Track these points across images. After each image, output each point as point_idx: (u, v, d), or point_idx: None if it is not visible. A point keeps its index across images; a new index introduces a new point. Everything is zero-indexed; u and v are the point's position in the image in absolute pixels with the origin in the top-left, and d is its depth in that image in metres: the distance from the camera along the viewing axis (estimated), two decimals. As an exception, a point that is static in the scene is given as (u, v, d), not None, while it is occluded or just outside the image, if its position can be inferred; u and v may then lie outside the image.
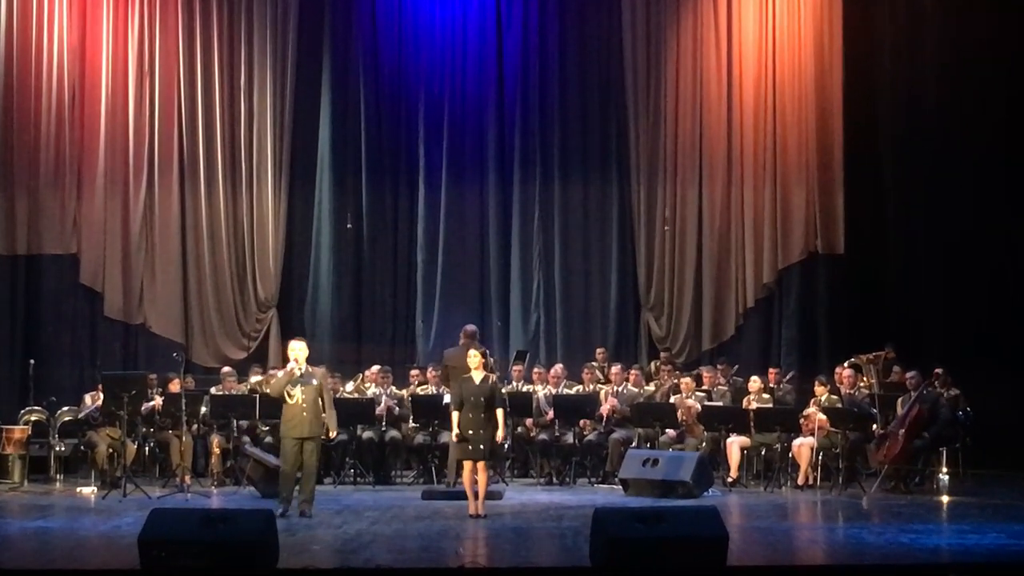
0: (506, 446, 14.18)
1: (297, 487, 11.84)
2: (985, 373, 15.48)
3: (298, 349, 11.89)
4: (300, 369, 11.79)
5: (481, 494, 11.80)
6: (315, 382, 11.87)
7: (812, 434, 14.11)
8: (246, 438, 14.37)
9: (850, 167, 17.14)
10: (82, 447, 14.65)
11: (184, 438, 13.96)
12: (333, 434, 12.31)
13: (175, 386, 14.50)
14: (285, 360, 12.20)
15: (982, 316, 16.37)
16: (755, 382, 14.92)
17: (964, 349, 15.82)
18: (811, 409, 14.39)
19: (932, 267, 16.89)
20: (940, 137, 16.97)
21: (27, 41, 16.93)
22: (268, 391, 12.94)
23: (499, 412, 11.92)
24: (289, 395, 11.75)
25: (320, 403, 11.86)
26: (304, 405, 11.72)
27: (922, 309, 16.71)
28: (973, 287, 16.53)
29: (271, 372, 15.00)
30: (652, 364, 16.79)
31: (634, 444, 14.54)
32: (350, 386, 15.38)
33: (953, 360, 15.18)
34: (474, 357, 12.01)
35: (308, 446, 11.78)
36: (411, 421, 14.87)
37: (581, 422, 14.76)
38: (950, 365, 14.99)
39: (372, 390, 15.16)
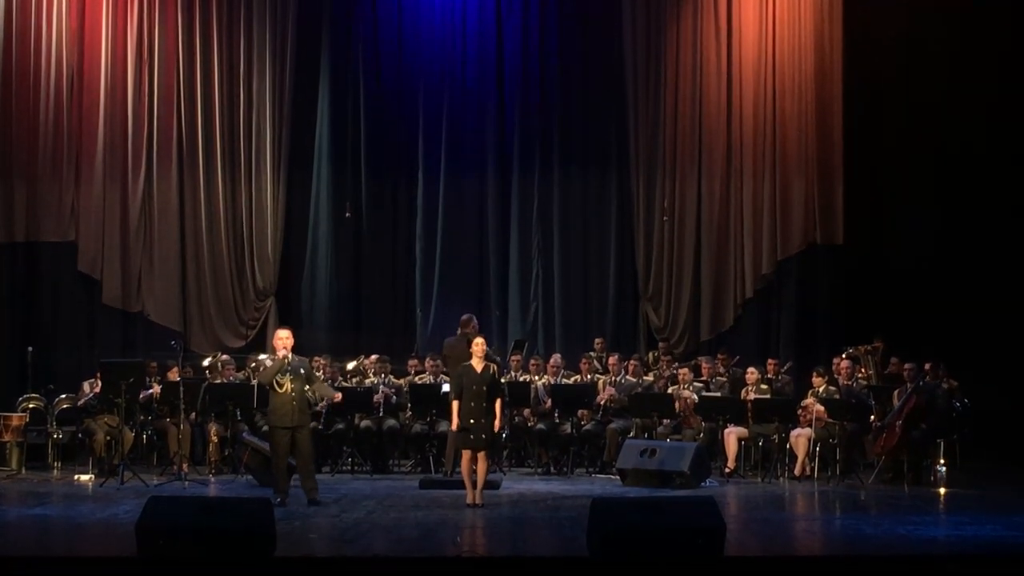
0: (504, 435, 14.20)
1: (297, 476, 11.84)
2: (984, 365, 15.50)
3: (285, 338, 11.91)
4: (289, 358, 11.79)
5: (480, 483, 11.80)
6: (302, 371, 11.90)
7: (810, 425, 14.11)
8: (244, 426, 14.36)
9: (850, 157, 17.13)
10: (80, 435, 14.65)
11: (182, 426, 13.96)
12: (338, 396, 12.72)
13: (174, 374, 14.50)
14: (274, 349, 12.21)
15: (981, 308, 16.35)
16: (753, 373, 14.91)
17: (963, 341, 15.81)
18: (809, 400, 14.39)
19: (931, 258, 16.87)
20: (941, 127, 16.93)
21: (26, 28, 16.91)
22: (259, 379, 12.95)
23: (497, 402, 11.92)
24: (279, 384, 11.74)
25: (306, 391, 11.88)
26: (293, 394, 11.72)
27: (921, 300, 16.69)
28: (972, 278, 16.51)
29: (256, 358, 15.07)
30: (651, 354, 16.81)
31: (632, 434, 14.54)
32: (351, 365, 15.38)
33: (952, 352, 15.17)
34: (478, 346, 12.00)
35: (300, 434, 11.78)
36: (408, 410, 14.87)
37: (579, 412, 14.76)
38: (949, 356, 14.98)
39: (370, 378, 15.16)
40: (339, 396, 12.88)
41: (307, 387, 12.00)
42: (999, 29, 16.72)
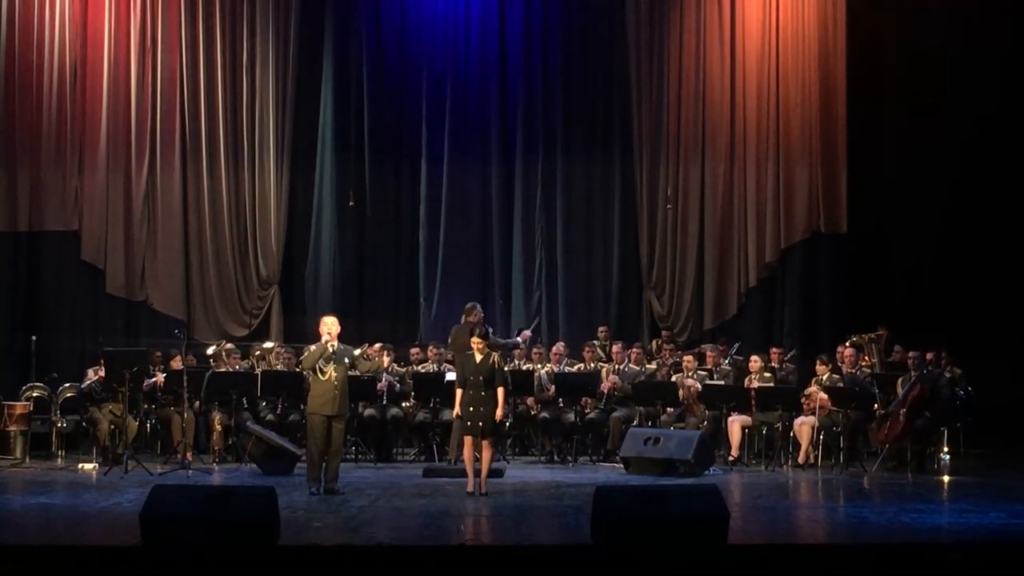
0: (507, 424, 14.21)
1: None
2: (987, 353, 15.49)
3: (331, 324, 11.86)
4: (333, 345, 11.76)
5: (484, 471, 11.80)
6: (347, 360, 11.84)
7: (813, 413, 14.12)
8: (247, 415, 14.37)
9: (854, 145, 17.10)
10: (84, 423, 14.67)
11: (185, 415, 13.97)
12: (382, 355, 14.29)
13: (177, 363, 14.51)
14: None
15: (984, 296, 16.33)
16: (756, 361, 14.91)
17: (966, 328, 15.80)
18: (813, 388, 14.39)
19: (935, 246, 16.86)
20: (945, 115, 16.91)
21: (29, 17, 16.88)
22: (301, 365, 12.96)
23: (500, 390, 11.91)
24: (321, 371, 11.68)
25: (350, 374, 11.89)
26: (336, 382, 11.67)
27: (924, 288, 16.69)
28: (975, 266, 16.50)
29: (262, 346, 15.12)
30: (654, 342, 16.81)
31: (635, 422, 14.54)
32: (357, 352, 15.36)
33: (955, 340, 15.15)
34: (476, 343, 11.96)
35: (337, 425, 11.73)
36: (412, 398, 14.88)
37: (583, 400, 14.76)
38: (952, 345, 14.97)
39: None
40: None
41: (352, 372, 11.95)
42: (1003, 14, 16.67)
